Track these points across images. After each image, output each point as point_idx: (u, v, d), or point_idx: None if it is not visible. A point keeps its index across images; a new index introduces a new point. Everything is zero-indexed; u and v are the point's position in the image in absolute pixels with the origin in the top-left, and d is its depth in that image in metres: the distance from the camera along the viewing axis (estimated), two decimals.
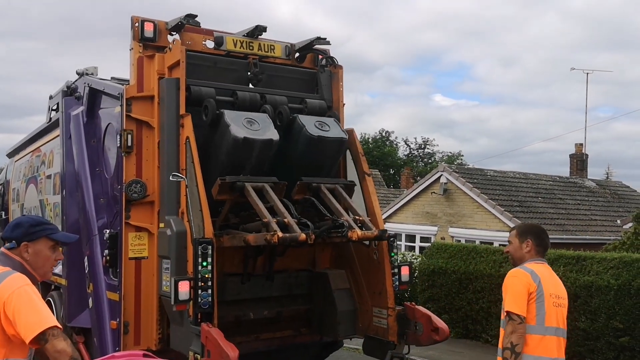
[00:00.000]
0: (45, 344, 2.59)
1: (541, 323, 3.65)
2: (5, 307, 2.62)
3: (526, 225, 4.13)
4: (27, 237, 2.89)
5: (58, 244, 3.01)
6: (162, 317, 5.62)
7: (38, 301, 2.68)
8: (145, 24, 5.80)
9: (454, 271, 11.42)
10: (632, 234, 12.88)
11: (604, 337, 9.25)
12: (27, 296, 2.66)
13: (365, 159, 6.26)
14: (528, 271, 3.72)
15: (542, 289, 3.68)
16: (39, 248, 2.92)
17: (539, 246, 3.86)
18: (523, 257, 3.87)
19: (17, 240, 2.88)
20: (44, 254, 2.93)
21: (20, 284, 2.69)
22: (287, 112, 5.79)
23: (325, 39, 6.39)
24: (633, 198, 21.40)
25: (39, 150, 8.53)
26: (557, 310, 3.77)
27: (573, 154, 22.64)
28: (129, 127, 5.63)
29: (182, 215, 5.36)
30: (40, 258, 2.92)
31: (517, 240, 3.89)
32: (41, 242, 2.92)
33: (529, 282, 3.66)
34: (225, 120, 5.33)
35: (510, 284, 3.71)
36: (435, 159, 51.13)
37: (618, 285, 9.08)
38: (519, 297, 3.62)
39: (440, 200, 17.87)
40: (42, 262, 2.94)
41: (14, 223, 2.95)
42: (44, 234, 2.94)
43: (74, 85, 7.12)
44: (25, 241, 2.89)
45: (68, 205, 6.72)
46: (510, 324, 3.60)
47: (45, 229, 2.96)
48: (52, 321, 2.63)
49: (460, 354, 9.99)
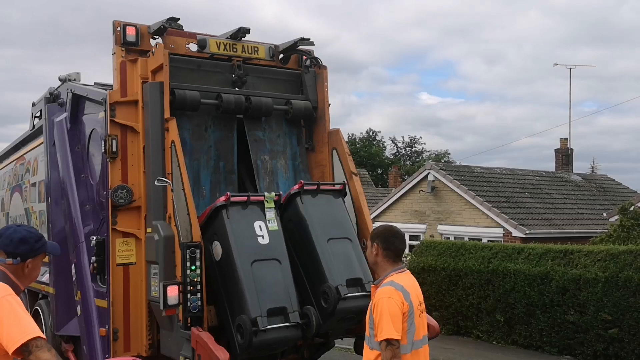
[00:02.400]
0: (29, 356, 2.54)
1: (411, 340, 3.46)
2: None
3: (377, 228, 3.82)
4: (32, 253, 2.85)
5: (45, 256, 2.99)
6: (151, 323, 5.59)
7: (21, 311, 2.63)
8: (127, 28, 5.77)
9: (443, 268, 11.47)
10: (619, 226, 13.01)
11: (593, 330, 9.33)
12: (10, 306, 2.61)
13: (352, 159, 6.27)
14: (399, 289, 3.46)
15: (412, 304, 3.47)
16: (37, 262, 2.91)
17: (386, 250, 3.57)
18: (375, 262, 3.64)
19: (22, 257, 2.81)
20: (38, 266, 2.93)
21: (2, 294, 2.63)
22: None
23: (309, 39, 6.39)
24: (618, 191, 21.62)
25: (23, 158, 8.45)
26: (422, 318, 3.61)
27: (558, 149, 22.83)
28: (113, 133, 5.59)
29: (169, 220, 5.33)
30: (35, 271, 2.92)
31: (369, 244, 3.70)
32: (40, 256, 2.91)
33: (402, 301, 3.42)
34: None
35: (386, 306, 3.38)
36: (422, 158, 51.30)
37: (605, 277, 9.17)
38: (396, 320, 3.36)
39: (429, 198, 17.94)
40: (35, 274, 2.93)
41: (17, 238, 2.83)
42: (44, 249, 2.92)
43: (56, 92, 7.06)
44: (31, 257, 2.84)
45: (54, 212, 6.66)
46: (390, 350, 3.32)
47: (44, 243, 2.93)
48: (36, 332, 2.58)
49: (451, 351, 10.03)
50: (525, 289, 10.10)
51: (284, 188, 6.28)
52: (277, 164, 6.28)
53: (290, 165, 6.39)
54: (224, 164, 6.04)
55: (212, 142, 6.00)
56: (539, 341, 10.06)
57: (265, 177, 6.19)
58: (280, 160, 6.31)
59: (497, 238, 15.51)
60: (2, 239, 2.83)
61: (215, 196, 5.93)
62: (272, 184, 6.22)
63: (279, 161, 6.31)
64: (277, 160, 6.30)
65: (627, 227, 12.78)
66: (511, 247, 10.94)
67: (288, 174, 6.35)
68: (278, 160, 6.30)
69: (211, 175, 5.94)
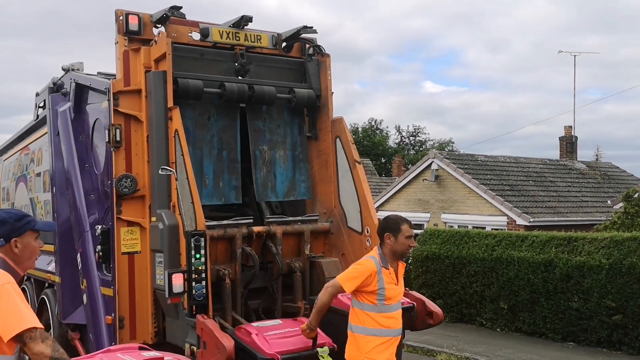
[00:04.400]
0: (24, 347, 2.55)
1: None
2: None
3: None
4: (15, 232, 2.85)
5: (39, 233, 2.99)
6: (157, 311, 5.63)
7: (18, 300, 2.62)
8: (130, 17, 5.76)
9: (447, 256, 11.50)
10: (623, 213, 13.01)
11: (597, 316, 9.36)
12: (7, 295, 2.60)
13: (355, 147, 6.27)
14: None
15: None
16: (26, 241, 2.90)
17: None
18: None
19: (5, 238, 2.83)
20: (31, 246, 2.92)
21: (1, 282, 2.63)
22: None
23: (311, 27, 6.37)
24: (623, 178, 21.57)
25: (27, 149, 8.48)
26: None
27: (562, 137, 22.76)
28: (117, 122, 5.60)
29: (173, 209, 5.35)
30: (28, 251, 2.91)
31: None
32: (27, 235, 2.90)
33: None
34: None
35: None
36: (426, 147, 51.21)
37: (609, 264, 9.18)
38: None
39: (432, 187, 17.94)
40: (29, 255, 2.92)
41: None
42: (29, 227, 2.91)
43: (60, 82, 7.07)
44: (14, 237, 2.85)
45: (58, 202, 6.69)
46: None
47: (29, 221, 2.93)
48: (32, 322, 2.57)
49: (455, 338, 10.08)
50: (529, 277, 10.12)
51: (281, 178, 6.31)
52: (275, 155, 6.30)
53: (289, 155, 6.40)
54: (227, 153, 6.05)
55: (215, 131, 6.01)
56: (543, 328, 10.10)
57: (262, 167, 6.21)
58: (279, 151, 6.32)
59: (501, 226, 15.51)
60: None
61: (219, 185, 5.95)
62: (269, 174, 6.25)
63: (278, 151, 6.32)
64: (276, 150, 6.31)
65: (632, 214, 12.78)
66: (515, 235, 10.95)
67: (287, 164, 6.36)
68: (277, 151, 6.31)
69: (214, 164, 5.95)
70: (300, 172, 6.47)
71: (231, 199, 6.04)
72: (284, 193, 6.34)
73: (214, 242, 5.35)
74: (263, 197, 6.26)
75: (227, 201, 6.03)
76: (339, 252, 6.20)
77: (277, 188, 6.29)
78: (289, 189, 6.37)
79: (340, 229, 6.18)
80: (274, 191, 6.29)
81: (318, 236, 6.24)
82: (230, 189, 6.03)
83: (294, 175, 6.42)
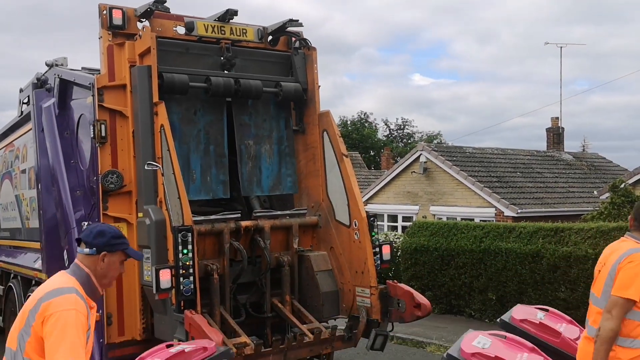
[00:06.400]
0: None
1: None
2: (44, 322, 2.65)
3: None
4: (108, 247, 2.91)
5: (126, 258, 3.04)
6: (145, 307, 5.61)
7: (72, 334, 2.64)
8: (114, 11, 5.71)
9: (435, 248, 11.55)
10: (610, 204, 13.11)
11: (583, 306, 9.38)
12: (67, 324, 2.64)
13: (343, 141, 6.27)
14: None
15: None
16: (113, 260, 2.95)
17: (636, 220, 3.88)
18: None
19: (98, 248, 2.89)
20: (115, 266, 2.97)
21: (69, 307, 2.67)
22: None
23: (297, 20, 6.34)
24: (609, 169, 21.76)
25: (12, 145, 8.40)
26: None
27: (549, 128, 22.89)
28: (102, 117, 5.56)
29: (160, 204, 5.33)
30: (111, 270, 2.96)
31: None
32: (117, 254, 2.96)
33: None
34: None
35: None
36: (414, 139, 51.33)
37: (596, 254, 9.23)
38: None
39: (421, 179, 17.99)
40: (112, 274, 2.97)
41: (96, 230, 2.95)
42: (121, 247, 2.96)
43: (44, 77, 7.00)
44: (106, 251, 2.91)
45: (44, 199, 6.64)
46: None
47: (123, 242, 3.00)
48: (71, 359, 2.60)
49: (444, 329, 10.14)
50: (517, 267, 10.19)
51: (267, 173, 6.31)
52: (261, 149, 6.29)
53: (275, 149, 6.40)
54: (214, 148, 6.03)
55: (202, 125, 5.98)
56: None
57: (248, 162, 6.20)
58: (264, 145, 6.32)
59: (489, 218, 15.60)
60: (85, 230, 3.00)
61: (206, 180, 5.93)
62: (255, 169, 6.24)
63: (264, 146, 6.31)
64: (262, 145, 6.30)
65: (618, 205, 12.89)
66: (503, 226, 11.01)
67: (272, 159, 6.36)
68: (262, 145, 6.30)
69: (201, 159, 5.93)
70: (287, 166, 6.46)
71: (219, 194, 6.03)
72: (269, 187, 6.34)
73: (201, 237, 5.33)
74: (248, 191, 6.25)
75: (215, 196, 6.02)
76: (327, 245, 6.21)
77: (263, 182, 6.29)
78: (274, 183, 6.37)
79: (328, 222, 6.19)
80: (260, 185, 6.28)
81: (306, 230, 6.25)
82: (218, 183, 6.01)
83: (280, 169, 6.42)
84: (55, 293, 2.72)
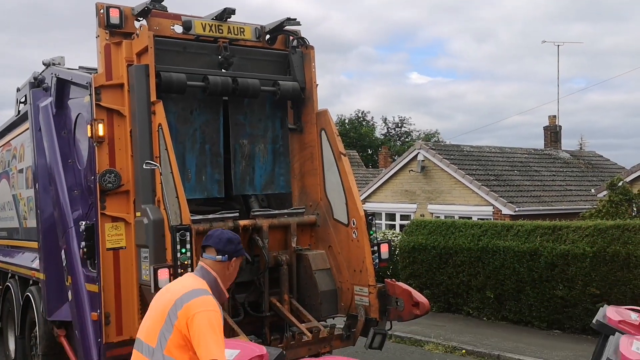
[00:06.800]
0: None
1: None
2: (189, 321, 2.83)
3: None
4: (236, 253, 3.14)
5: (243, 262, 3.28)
6: (143, 307, 5.58)
7: (218, 330, 2.87)
8: (111, 10, 5.69)
9: (433, 247, 11.56)
10: (607, 202, 13.14)
11: (581, 304, 9.47)
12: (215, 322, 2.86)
13: (341, 139, 6.27)
14: None
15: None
16: (236, 264, 3.18)
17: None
18: None
19: (229, 255, 3.11)
20: (237, 270, 3.19)
21: (210, 307, 2.89)
22: None
23: (295, 19, 6.34)
24: (606, 167, 21.79)
25: (9, 145, 8.37)
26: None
27: (547, 126, 22.92)
28: (99, 117, 5.54)
29: (158, 203, 5.32)
30: (235, 273, 3.18)
31: None
32: (239, 259, 3.18)
33: None
34: None
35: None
36: (412, 138, 51.35)
37: (593, 252, 9.27)
38: None
39: (419, 177, 18.00)
40: (233, 278, 3.17)
41: (225, 238, 3.14)
42: (242, 252, 3.18)
43: (41, 77, 6.98)
44: (235, 257, 3.13)
45: (42, 198, 6.62)
46: None
47: (243, 248, 3.20)
48: (222, 355, 2.81)
49: (442, 328, 10.15)
50: (515, 266, 10.20)
51: (260, 172, 6.30)
52: (255, 148, 6.29)
53: (269, 149, 6.39)
54: (210, 147, 6.03)
55: (198, 125, 5.97)
56: (529, 317, 10.20)
57: (242, 161, 6.20)
58: (259, 145, 6.32)
59: (487, 216, 15.61)
60: (213, 238, 3.15)
61: (201, 179, 5.93)
62: (248, 168, 6.24)
63: (258, 145, 6.31)
64: (256, 144, 6.30)
65: (616, 203, 12.92)
66: (500, 225, 11.03)
67: (266, 158, 6.36)
68: (257, 145, 6.30)
69: (197, 158, 5.93)
70: (280, 165, 6.46)
71: (214, 193, 6.02)
72: (262, 186, 6.34)
73: (199, 236, 5.32)
74: (241, 190, 6.25)
75: (210, 195, 6.01)
76: (326, 244, 6.21)
77: (256, 181, 6.29)
78: (267, 182, 6.37)
79: (326, 221, 6.19)
80: (252, 184, 6.28)
81: (304, 229, 6.25)
82: (213, 182, 6.01)
83: (274, 168, 6.42)
84: (193, 294, 2.91)
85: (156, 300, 3.10)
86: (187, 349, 2.87)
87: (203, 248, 3.13)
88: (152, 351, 2.91)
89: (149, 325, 3.02)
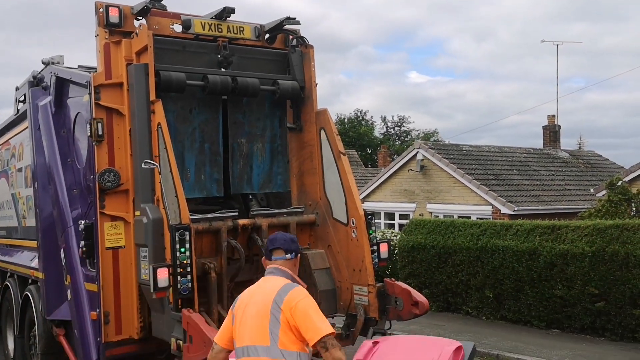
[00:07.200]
0: (325, 352, 3.07)
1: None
2: (293, 311, 3.13)
3: None
4: (299, 250, 3.50)
5: None
6: (142, 306, 5.60)
7: (319, 311, 3.20)
8: (110, 9, 5.69)
9: (432, 246, 11.56)
10: (607, 201, 13.14)
11: (580, 303, 9.48)
12: (314, 306, 3.21)
13: (340, 139, 6.26)
14: None
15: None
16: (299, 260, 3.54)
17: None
18: None
19: (296, 252, 3.47)
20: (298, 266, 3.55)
21: (305, 294, 3.23)
22: None
23: (294, 18, 6.33)
24: (605, 166, 21.81)
25: (8, 144, 8.37)
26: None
27: (546, 126, 22.95)
28: (98, 116, 5.54)
29: (157, 203, 5.32)
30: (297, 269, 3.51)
31: None
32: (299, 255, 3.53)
33: None
34: None
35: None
36: (411, 137, 51.33)
37: (592, 252, 9.28)
38: None
39: (418, 177, 18.00)
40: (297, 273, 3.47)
41: (289, 238, 3.51)
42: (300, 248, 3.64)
43: (40, 75, 6.98)
44: (299, 253, 3.48)
45: (41, 197, 6.61)
46: None
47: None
48: (330, 328, 3.13)
49: (442, 327, 10.15)
50: (514, 265, 10.21)
51: (257, 171, 6.30)
52: (253, 147, 6.28)
53: (268, 148, 6.39)
54: (209, 146, 6.03)
55: (197, 124, 5.97)
56: (528, 316, 10.21)
57: (240, 160, 6.20)
58: (257, 144, 6.31)
59: (486, 215, 15.62)
60: (279, 240, 3.48)
61: (200, 178, 5.93)
62: (246, 166, 6.24)
63: (256, 144, 6.31)
64: (254, 143, 6.30)
65: (615, 202, 12.93)
66: (499, 224, 11.04)
67: (264, 157, 6.35)
68: (255, 143, 6.30)
69: (196, 157, 5.92)
70: (278, 164, 6.46)
71: (213, 192, 6.02)
72: (259, 185, 6.34)
73: (199, 235, 5.33)
74: (238, 189, 6.25)
75: (209, 194, 6.01)
76: (325, 243, 6.21)
77: (253, 180, 6.29)
78: (264, 181, 6.37)
79: (325, 220, 6.19)
80: (250, 183, 6.28)
81: (304, 228, 6.24)
82: (212, 181, 6.01)
83: (271, 167, 6.42)
84: (287, 288, 3.23)
85: (246, 308, 3.29)
86: (296, 340, 3.14)
87: (270, 252, 3.42)
88: (268, 349, 3.13)
89: (250, 329, 3.21)
